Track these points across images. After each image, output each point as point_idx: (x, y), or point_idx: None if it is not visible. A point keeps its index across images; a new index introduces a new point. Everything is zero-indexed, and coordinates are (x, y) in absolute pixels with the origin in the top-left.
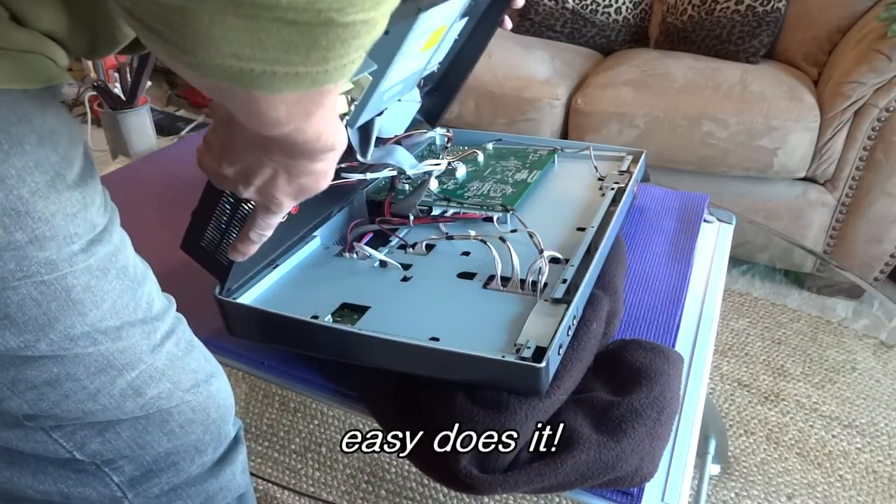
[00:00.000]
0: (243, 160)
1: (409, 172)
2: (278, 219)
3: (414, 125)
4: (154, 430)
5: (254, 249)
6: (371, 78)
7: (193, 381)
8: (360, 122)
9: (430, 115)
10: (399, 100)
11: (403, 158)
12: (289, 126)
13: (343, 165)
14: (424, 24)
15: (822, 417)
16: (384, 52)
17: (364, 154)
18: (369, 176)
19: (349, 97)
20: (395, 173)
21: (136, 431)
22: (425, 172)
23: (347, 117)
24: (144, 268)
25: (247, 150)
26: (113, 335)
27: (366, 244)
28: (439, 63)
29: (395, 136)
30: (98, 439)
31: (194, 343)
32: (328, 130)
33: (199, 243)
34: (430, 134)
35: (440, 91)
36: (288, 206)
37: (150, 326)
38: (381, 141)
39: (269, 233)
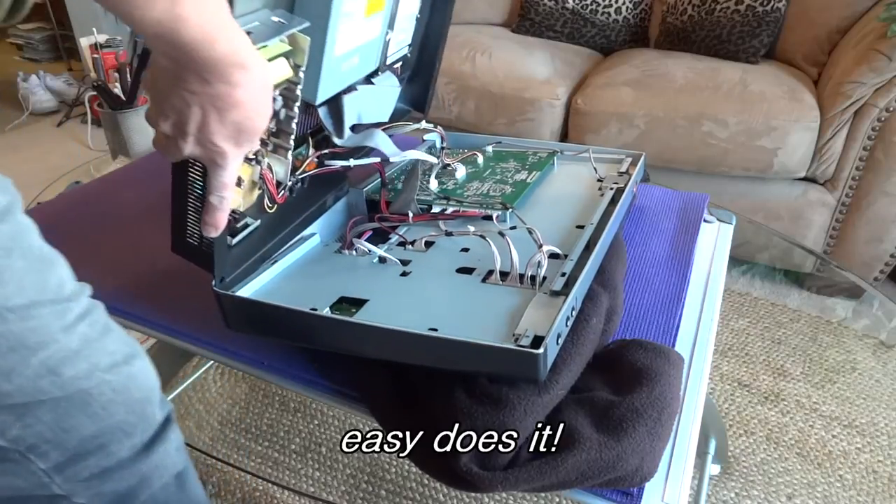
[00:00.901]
0: (171, 106)
1: (392, 159)
2: (230, 174)
3: (402, 115)
4: (76, 412)
5: (223, 218)
6: (308, 39)
7: (112, 361)
8: (322, 96)
9: (416, 102)
10: (372, 82)
11: (383, 142)
12: (162, 9)
13: (326, 152)
14: None
15: (822, 417)
16: (317, 12)
17: (339, 135)
18: (353, 163)
19: (292, 61)
20: (378, 159)
21: (57, 415)
22: (409, 161)
23: (300, 86)
24: (53, 254)
25: (169, 90)
26: (22, 313)
27: (365, 241)
28: (409, 45)
29: (384, 125)
30: (18, 424)
31: (111, 326)
32: (220, 35)
33: (185, 239)
34: (428, 131)
35: (419, 75)
36: (233, 153)
37: (62, 307)
38: (364, 128)
39: (228, 194)
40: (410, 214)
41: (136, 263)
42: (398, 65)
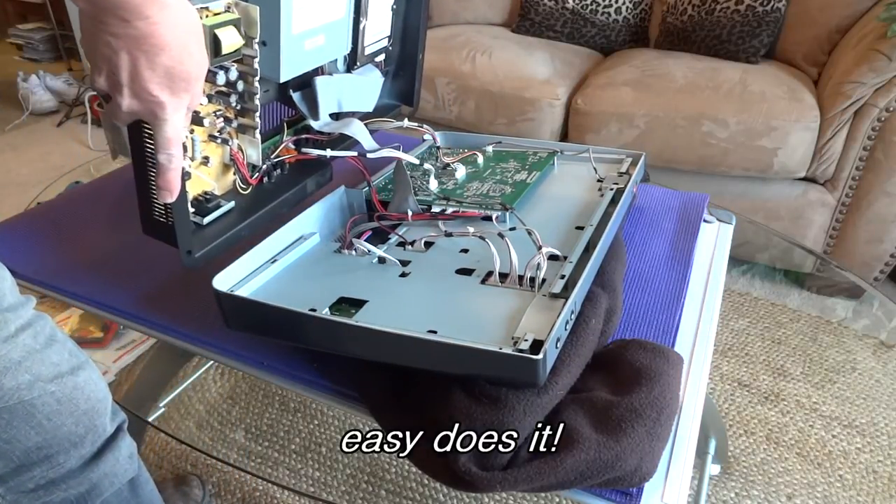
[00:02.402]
0: (101, 56)
1: (370, 155)
2: (173, 126)
3: (391, 109)
4: (19, 423)
5: (175, 179)
6: (258, 8)
7: (56, 372)
8: (287, 74)
9: (403, 95)
10: (349, 71)
11: (360, 133)
12: None
13: (303, 137)
14: None
15: (822, 417)
16: None
17: (314, 117)
18: (330, 153)
19: (243, 30)
20: (355, 154)
21: None
22: (390, 159)
23: (257, 59)
24: None
25: (95, 39)
26: None
27: (365, 241)
28: (388, 37)
29: (368, 116)
30: None
31: (56, 338)
32: None
33: (152, 217)
34: (418, 131)
35: (404, 69)
36: (171, 103)
37: (1, 317)
38: (346, 116)
39: (176, 151)
40: (410, 214)
41: (136, 263)
42: (381, 58)
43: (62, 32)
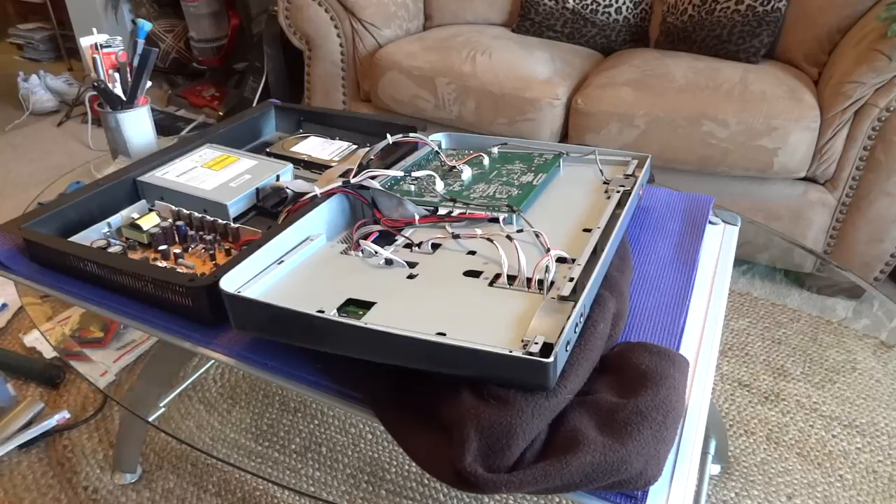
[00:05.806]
0: None
1: (298, 189)
2: None
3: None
4: None
5: None
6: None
7: None
8: (235, 210)
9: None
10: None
11: (295, 185)
12: None
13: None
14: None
15: (822, 417)
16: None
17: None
18: (318, 191)
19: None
20: (339, 183)
21: None
22: (392, 178)
23: (197, 213)
24: None
25: None
26: None
27: (371, 243)
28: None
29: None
30: None
31: None
32: None
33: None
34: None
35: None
36: None
37: None
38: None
39: None
40: (416, 217)
41: None
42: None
43: (63, 32)
